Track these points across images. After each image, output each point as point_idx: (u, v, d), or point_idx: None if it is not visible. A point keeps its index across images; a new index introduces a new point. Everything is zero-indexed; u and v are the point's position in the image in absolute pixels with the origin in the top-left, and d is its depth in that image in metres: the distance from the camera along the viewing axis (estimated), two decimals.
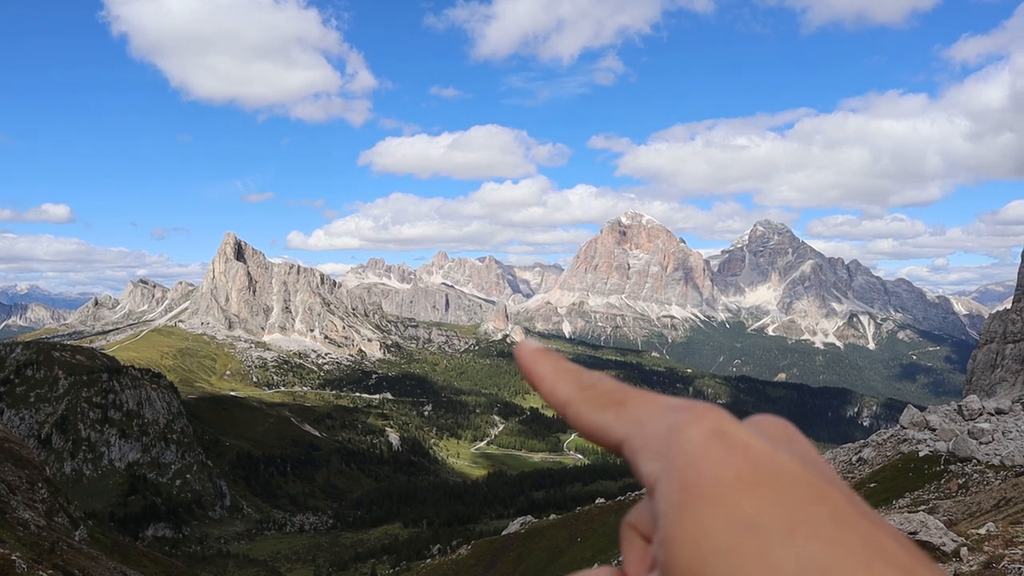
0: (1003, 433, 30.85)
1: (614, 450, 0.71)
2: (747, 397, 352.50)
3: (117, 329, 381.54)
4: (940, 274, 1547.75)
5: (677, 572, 0.68)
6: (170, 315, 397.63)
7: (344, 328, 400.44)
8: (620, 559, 0.74)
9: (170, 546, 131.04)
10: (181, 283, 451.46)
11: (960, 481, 28.63)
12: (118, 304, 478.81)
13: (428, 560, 78.99)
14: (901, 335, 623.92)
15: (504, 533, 56.21)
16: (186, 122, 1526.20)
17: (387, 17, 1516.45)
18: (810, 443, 0.70)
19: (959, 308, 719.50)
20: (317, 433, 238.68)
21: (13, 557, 20.17)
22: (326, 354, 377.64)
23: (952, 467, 30.04)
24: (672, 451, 0.69)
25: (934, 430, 32.41)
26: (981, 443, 30.37)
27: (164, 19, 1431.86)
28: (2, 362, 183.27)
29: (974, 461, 29.75)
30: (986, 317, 45.26)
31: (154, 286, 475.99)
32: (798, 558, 0.68)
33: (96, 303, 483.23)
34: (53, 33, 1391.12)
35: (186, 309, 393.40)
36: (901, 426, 34.19)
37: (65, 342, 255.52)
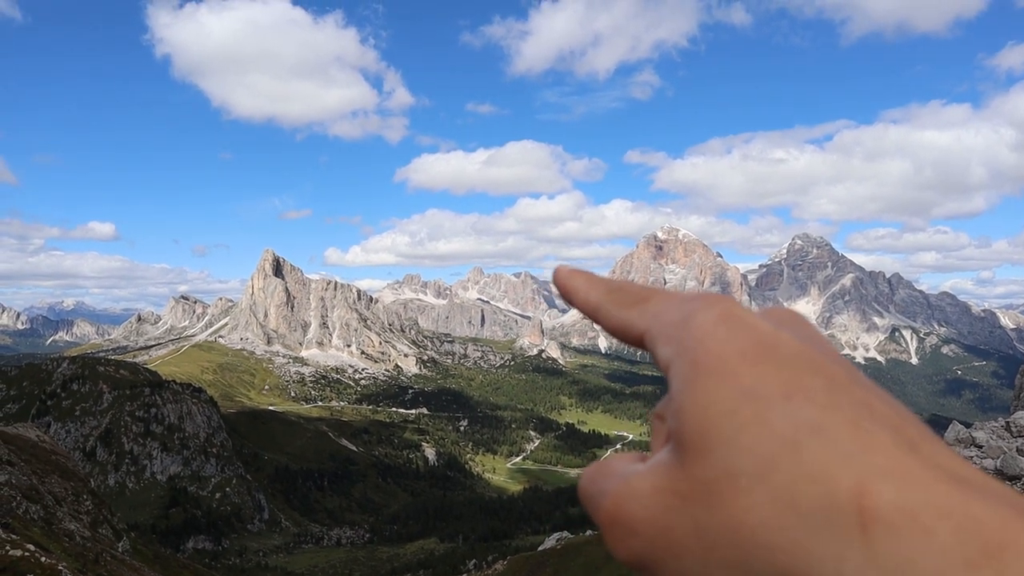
0: None
1: (637, 343, 0.76)
2: None
3: (159, 344, 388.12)
4: (986, 287, 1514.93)
5: (686, 437, 0.73)
6: (210, 331, 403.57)
7: (381, 343, 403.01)
8: None
9: (210, 558, 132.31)
10: (221, 299, 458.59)
11: None
12: (160, 320, 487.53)
13: (464, 575, 78.83)
14: (945, 350, 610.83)
15: (540, 549, 55.95)
16: (227, 140, 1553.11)
17: (424, 35, 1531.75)
18: (817, 328, 0.74)
19: (1006, 322, 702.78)
20: (354, 448, 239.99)
21: (60, 567, 20.56)
22: (363, 369, 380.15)
23: None
24: (684, 334, 0.73)
25: (980, 447, 31.68)
26: None
27: (205, 41, 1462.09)
28: (49, 376, 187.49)
29: (1023, 480, 29.00)
30: None
31: (195, 302, 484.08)
32: (793, 419, 0.73)
33: (139, 319, 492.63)
34: (99, 57, 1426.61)
35: (226, 325, 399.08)
36: (946, 443, 33.46)
37: (109, 357, 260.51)
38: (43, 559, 20.51)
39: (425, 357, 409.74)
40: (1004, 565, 0.72)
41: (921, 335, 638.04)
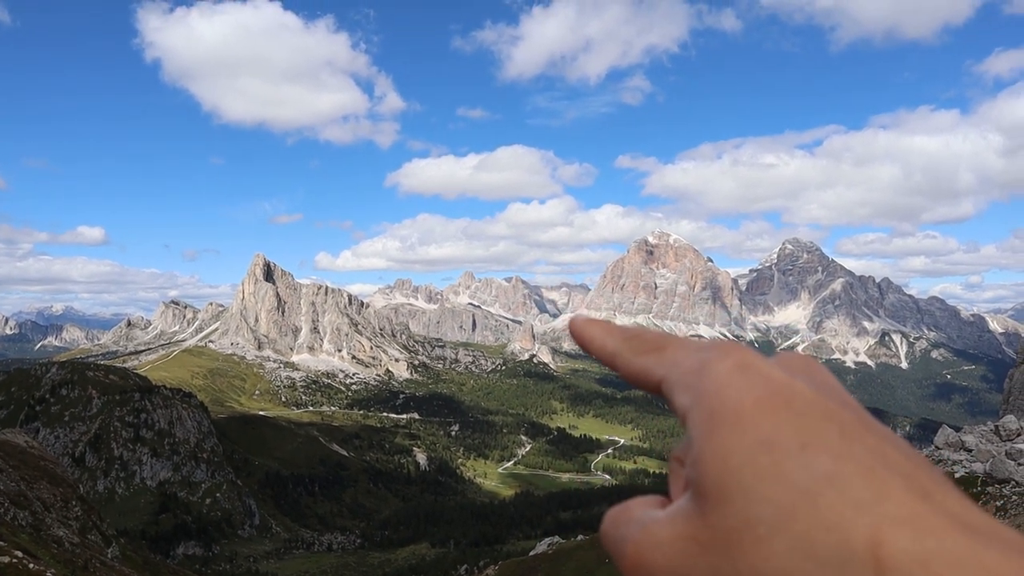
0: None
1: (654, 390, 0.79)
2: None
3: (149, 349, 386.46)
4: (975, 292, 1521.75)
5: (706, 486, 0.77)
6: (201, 335, 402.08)
7: (372, 348, 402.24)
8: None
9: (200, 564, 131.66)
10: (212, 304, 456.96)
11: (998, 503, 28.05)
12: (150, 325, 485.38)
13: None
14: (935, 354, 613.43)
15: (532, 554, 55.81)
16: (217, 145, 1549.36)
17: (415, 40, 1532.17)
18: (830, 373, 0.78)
19: (995, 326, 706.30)
20: (345, 453, 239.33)
21: (48, 574, 20.43)
22: (354, 374, 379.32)
23: (990, 489, 29.45)
24: (701, 384, 0.77)
25: (970, 451, 31.83)
26: (1019, 464, 29.77)
27: (196, 45, 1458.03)
28: (38, 382, 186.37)
29: (1012, 483, 29.14)
30: (1023, 335, 44.47)
31: (185, 307, 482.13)
32: (808, 469, 0.76)
33: (129, 324, 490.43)
34: (89, 60, 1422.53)
35: (216, 329, 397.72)
36: (936, 447, 33.65)
37: (99, 362, 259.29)
38: (31, 566, 20.38)
39: (416, 362, 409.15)
40: None
41: (911, 339, 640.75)
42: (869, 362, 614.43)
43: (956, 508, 0.77)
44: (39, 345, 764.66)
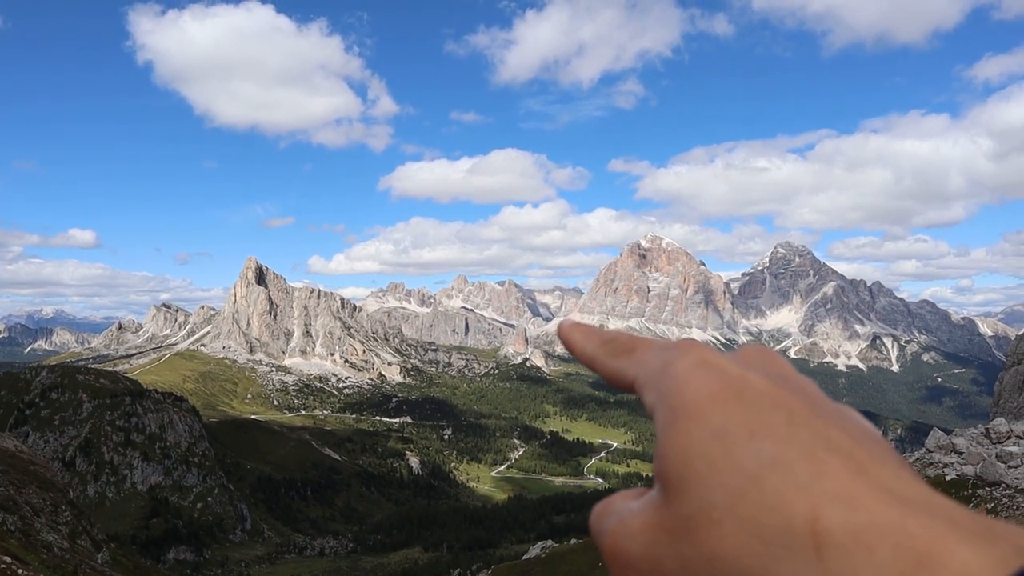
0: None
1: (630, 390, 0.86)
2: None
3: (140, 353, 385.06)
4: (965, 295, 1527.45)
5: (668, 477, 0.85)
6: (192, 339, 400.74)
7: (364, 352, 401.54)
8: None
9: (191, 569, 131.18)
10: (203, 307, 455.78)
11: (989, 506, 28.11)
12: (141, 328, 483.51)
13: None
14: (926, 357, 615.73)
15: (524, 558, 55.68)
16: (210, 148, 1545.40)
17: (409, 44, 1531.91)
18: (788, 363, 0.84)
19: (985, 329, 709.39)
20: (337, 457, 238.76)
21: None
22: (346, 378, 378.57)
23: (980, 491, 29.51)
24: (663, 382, 0.85)
25: (961, 454, 31.89)
26: (1009, 467, 29.83)
27: (188, 47, 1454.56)
28: (28, 385, 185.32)
29: (1003, 485, 29.21)
30: (1013, 338, 44.60)
31: (177, 310, 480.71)
32: (756, 455, 0.84)
33: (120, 327, 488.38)
34: (80, 62, 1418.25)
35: (208, 333, 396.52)
36: (927, 449, 33.71)
37: (89, 366, 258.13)
38: (20, 571, 20.24)
39: (409, 366, 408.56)
40: (933, 574, 0.82)
41: (902, 343, 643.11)
42: (861, 365, 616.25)
43: (890, 482, 0.83)
44: (29, 348, 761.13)
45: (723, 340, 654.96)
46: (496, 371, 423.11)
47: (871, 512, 0.83)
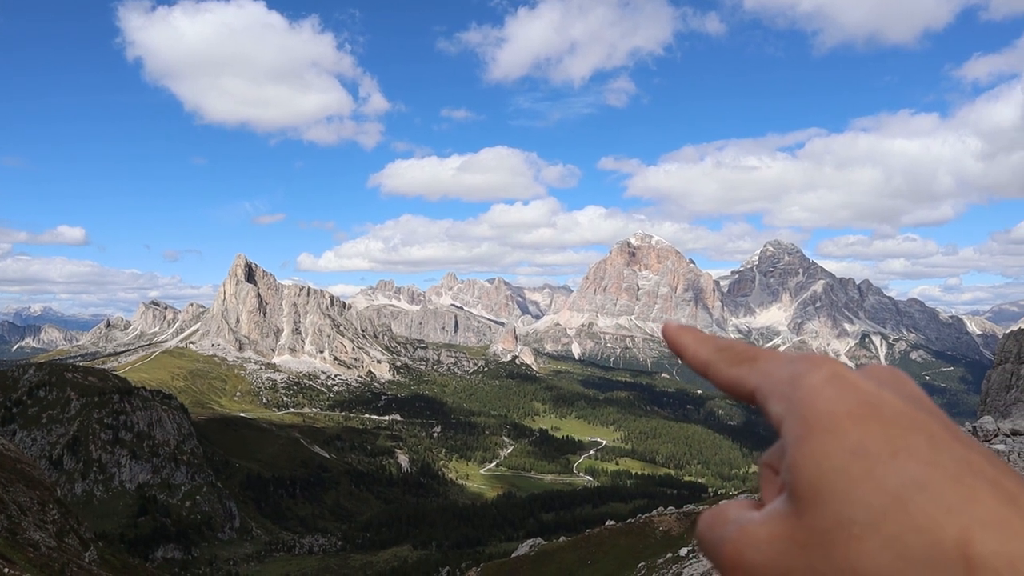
0: (1019, 455, 30.52)
1: (747, 399, 0.86)
2: (760, 418, 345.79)
3: (129, 350, 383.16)
4: (953, 294, 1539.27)
5: (801, 490, 0.84)
6: (181, 336, 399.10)
7: (354, 349, 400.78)
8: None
9: (180, 567, 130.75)
10: (192, 305, 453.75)
11: None
12: (130, 326, 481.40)
13: None
14: (914, 355, 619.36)
15: (513, 555, 55.77)
16: (199, 145, 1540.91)
17: (401, 41, 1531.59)
18: (916, 385, 0.85)
19: (973, 328, 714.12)
20: (326, 454, 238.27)
21: None
22: (336, 375, 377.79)
23: None
24: (795, 393, 0.84)
25: None
26: None
27: (178, 44, 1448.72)
28: (15, 383, 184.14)
29: None
30: (1000, 337, 44.90)
31: (165, 308, 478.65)
32: (899, 475, 0.83)
33: (108, 325, 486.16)
34: (69, 58, 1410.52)
35: (197, 331, 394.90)
36: None
37: (77, 363, 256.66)
38: (7, 570, 20.11)
39: (398, 363, 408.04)
40: None
41: (890, 341, 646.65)
42: (850, 363, 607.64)
43: None
44: (16, 346, 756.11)
45: None
46: (485, 369, 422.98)
47: None
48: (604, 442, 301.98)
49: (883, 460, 0.83)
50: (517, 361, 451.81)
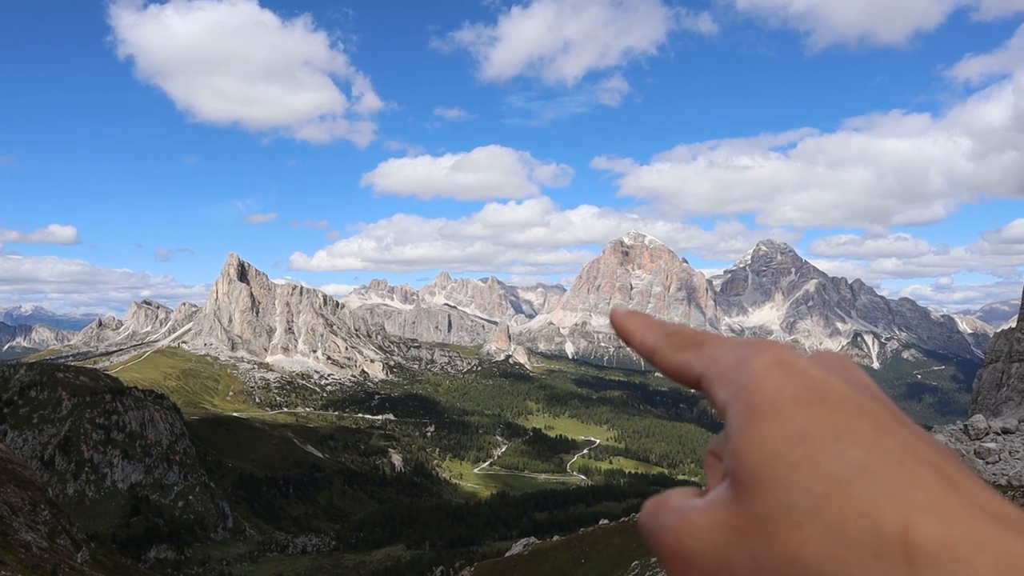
0: (1010, 453, 30.65)
1: (693, 385, 0.83)
2: None
3: (121, 350, 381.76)
4: (944, 293, 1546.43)
5: (743, 475, 0.83)
6: (173, 336, 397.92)
7: (347, 349, 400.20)
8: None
9: (172, 568, 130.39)
10: (184, 304, 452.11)
11: None
12: (122, 325, 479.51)
13: None
14: (906, 354, 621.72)
15: (507, 555, 55.79)
16: (191, 144, 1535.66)
17: (394, 40, 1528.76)
18: (863, 372, 0.84)
19: (964, 327, 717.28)
20: (320, 454, 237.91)
21: None
22: (329, 375, 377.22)
23: None
24: (740, 379, 0.83)
25: None
26: (988, 463, 30.16)
27: (170, 42, 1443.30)
28: (6, 383, 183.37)
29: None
30: (991, 336, 45.06)
31: (158, 307, 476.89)
32: (842, 459, 0.82)
33: (100, 324, 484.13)
34: (60, 57, 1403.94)
35: (189, 330, 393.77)
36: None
37: (69, 363, 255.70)
38: None
39: (392, 362, 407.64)
40: None
41: (882, 340, 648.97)
42: None
43: (982, 498, 0.82)
44: (7, 346, 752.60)
45: None
46: (479, 368, 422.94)
47: (967, 527, 0.82)
48: (598, 441, 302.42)
49: (826, 444, 0.83)
50: (511, 360, 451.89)
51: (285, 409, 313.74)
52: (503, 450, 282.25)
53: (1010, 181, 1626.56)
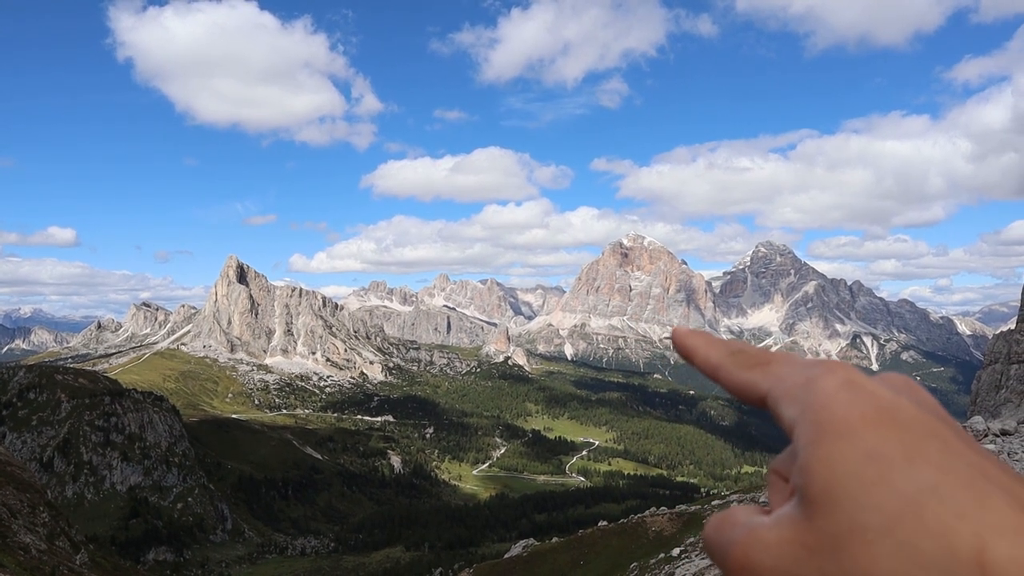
0: (1008, 454, 30.70)
1: (758, 403, 0.85)
2: (751, 419, 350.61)
3: (120, 352, 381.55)
4: (943, 295, 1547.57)
5: (813, 494, 0.83)
6: (172, 338, 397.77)
7: (346, 351, 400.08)
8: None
9: (171, 570, 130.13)
10: (184, 306, 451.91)
11: None
12: (121, 327, 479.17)
13: None
14: (905, 356, 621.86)
15: (506, 556, 55.75)
16: (191, 146, 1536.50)
17: (393, 42, 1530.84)
18: (929, 393, 0.85)
19: (963, 328, 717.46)
20: (319, 456, 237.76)
21: None
22: (328, 377, 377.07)
23: None
24: (808, 398, 0.84)
25: None
26: None
27: (169, 44, 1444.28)
28: (5, 385, 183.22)
29: None
30: (990, 337, 45.10)
31: (157, 309, 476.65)
32: (913, 480, 0.83)
33: (99, 326, 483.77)
34: (60, 59, 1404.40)
35: (188, 332, 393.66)
36: None
37: (68, 365, 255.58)
38: None
39: (391, 364, 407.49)
40: None
41: (881, 342, 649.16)
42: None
43: None
44: (6, 348, 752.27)
45: None
46: (478, 370, 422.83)
47: None
48: (597, 443, 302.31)
49: (898, 465, 0.83)
50: (510, 362, 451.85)
51: (284, 411, 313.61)
52: (502, 452, 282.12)
53: (1009, 183, 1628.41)
